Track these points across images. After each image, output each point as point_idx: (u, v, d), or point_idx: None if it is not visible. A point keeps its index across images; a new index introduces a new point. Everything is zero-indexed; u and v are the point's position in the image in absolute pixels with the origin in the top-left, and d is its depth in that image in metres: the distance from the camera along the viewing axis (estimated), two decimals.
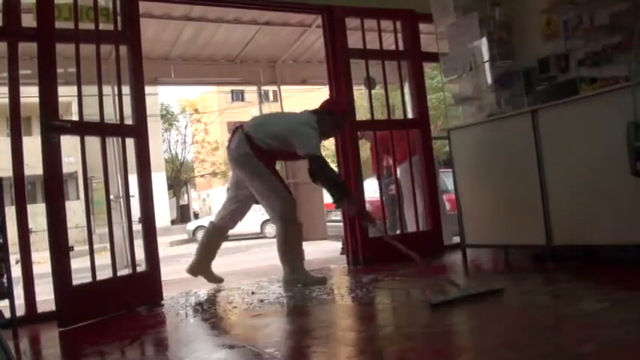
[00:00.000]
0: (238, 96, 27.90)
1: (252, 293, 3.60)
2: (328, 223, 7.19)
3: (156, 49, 5.76)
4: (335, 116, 3.70)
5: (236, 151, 3.62)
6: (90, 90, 3.41)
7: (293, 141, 3.50)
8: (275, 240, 3.79)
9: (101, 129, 3.45)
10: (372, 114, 4.80)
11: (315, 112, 3.70)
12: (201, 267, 3.94)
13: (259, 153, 3.56)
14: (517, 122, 3.66)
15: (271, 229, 13.69)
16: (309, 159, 3.48)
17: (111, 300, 3.25)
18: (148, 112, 3.71)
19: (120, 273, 3.44)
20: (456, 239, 4.58)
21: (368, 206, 4.72)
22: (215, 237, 3.97)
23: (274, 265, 5.84)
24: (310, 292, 3.42)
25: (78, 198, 17.91)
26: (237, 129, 3.72)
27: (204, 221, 17.79)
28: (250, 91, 20.39)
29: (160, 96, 23.85)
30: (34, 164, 3.46)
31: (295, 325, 2.72)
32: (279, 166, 6.49)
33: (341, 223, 4.80)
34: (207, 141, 29.53)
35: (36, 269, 3.24)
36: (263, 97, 7.63)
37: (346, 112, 3.86)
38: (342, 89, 4.53)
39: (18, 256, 3.15)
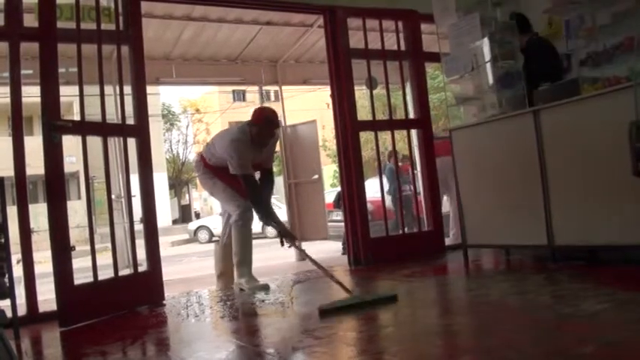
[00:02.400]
0: (240, 96, 27.87)
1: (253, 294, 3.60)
2: (329, 223, 7.17)
3: (157, 49, 5.75)
4: (256, 125, 3.83)
5: (197, 172, 4.21)
6: (91, 90, 3.42)
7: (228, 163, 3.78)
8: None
9: (103, 129, 3.46)
10: (373, 114, 4.79)
11: (248, 123, 3.91)
12: (227, 278, 4.07)
13: (213, 169, 3.97)
14: (519, 122, 3.66)
15: (272, 229, 13.59)
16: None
17: (112, 300, 3.25)
18: (150, 112, 3.72)
19: (121, 273, 3.45)
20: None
21: (369, 206, 4.72)
22: (228, 252, 4.11)
23: (274, 265, 5.86)
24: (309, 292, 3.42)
25: (79, 198, 17.94)
26: (197, 154, 4.24)
27: (206, 221, 17.81)
28: (252, 91, 20.34)
29: (162, 96, 23.95)
30: (35, 164, 3.46)
31: (296, 325, 2.72)
32: (278, 166, 6.51)
33: (342, 223, 4.79)
34: (208, 141, 29.47)
35: (37, 269, 3.25)
36: (264, 97, 7.60)
37: (262, 119, 3.84)
38: (343, 89, 4.53)
39: (19, 256, 3.15)
